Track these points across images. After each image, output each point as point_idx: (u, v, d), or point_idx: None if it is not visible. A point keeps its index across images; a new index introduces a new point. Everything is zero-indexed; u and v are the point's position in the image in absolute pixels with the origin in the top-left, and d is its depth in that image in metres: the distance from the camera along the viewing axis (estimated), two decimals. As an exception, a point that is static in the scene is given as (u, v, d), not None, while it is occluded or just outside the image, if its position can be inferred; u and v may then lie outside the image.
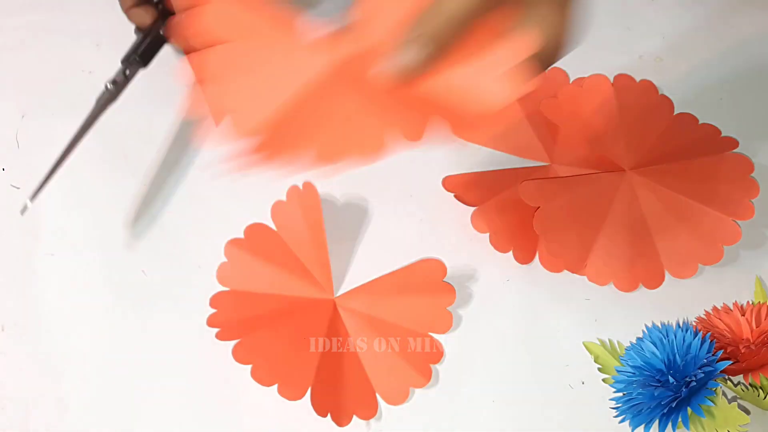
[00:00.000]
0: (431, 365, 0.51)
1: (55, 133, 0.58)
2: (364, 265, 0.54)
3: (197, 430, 0.51)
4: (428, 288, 0.52)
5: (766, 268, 0.53)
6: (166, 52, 0.60)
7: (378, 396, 0.51)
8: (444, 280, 0.52)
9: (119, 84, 0.55)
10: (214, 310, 0.52)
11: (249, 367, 0.50)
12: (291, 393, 0.49)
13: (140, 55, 0.56)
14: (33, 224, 0.56)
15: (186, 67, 0.39)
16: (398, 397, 0.51)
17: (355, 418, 0.50)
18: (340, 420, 0.49)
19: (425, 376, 0.51)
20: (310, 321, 0.51)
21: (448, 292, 0.52)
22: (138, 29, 0.57)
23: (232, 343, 0.50)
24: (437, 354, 0.51)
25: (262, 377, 0.49)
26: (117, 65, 0.60)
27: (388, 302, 0.52)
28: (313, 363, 0.50)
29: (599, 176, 0.54)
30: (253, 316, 0.51)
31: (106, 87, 0.54)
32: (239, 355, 0.50)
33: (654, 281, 0.52)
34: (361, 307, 0.52)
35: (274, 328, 0.51)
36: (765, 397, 0.47)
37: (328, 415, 0.49)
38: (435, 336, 0.52)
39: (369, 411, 0.50)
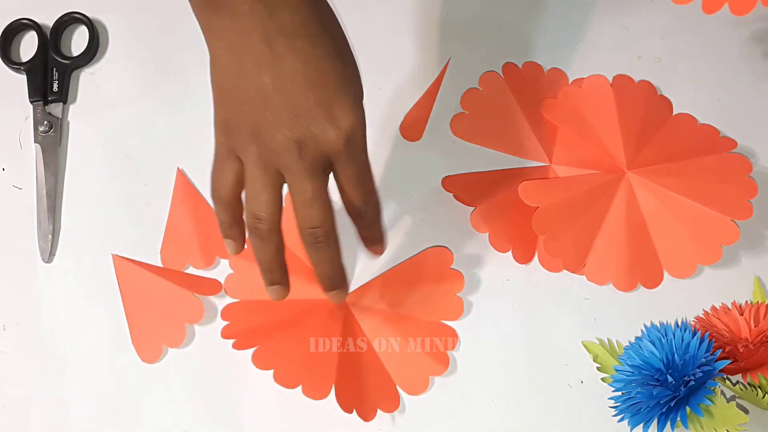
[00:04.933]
0: (448, 352, 0.51)
1: (56, 134, 0.59)
2: (364, 264, 0.54)
3: (198, 429, 0.51)
4: (437, 276, 0.52)
5: (764, 267, 0.53)
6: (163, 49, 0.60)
7: (399, 388, 0.51)
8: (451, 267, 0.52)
9: (54, 124, 0.57)
10: (225, 322, 0.52)
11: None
12: (315, 393, 0.49)
13: (55, 93, 0.58)
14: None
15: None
16: (419, 387, 0.51)
17: (379, 412, 0.50)
18: (366, 415, 0.49)
19: (443, 364, 0.51)
20: (324, 322, 0.51)
21: (457, 278, 0.52)
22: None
23: (232, 342, 0.51)
24: (452, 340, 0.51)
25: (285, 380, 0.50)
26: (118, 64, 0.61)
27: (398, 294, 0.52)
28: (333, 362, 0.50)
29: (598, 176, 0.54)
30: (268, 323, 0.52)
31: (41, 135, 0.57)
32: (259, 362, 0.50)
33: (653, 281, 0.52)
34: (372, 303, 0.52)
35: (290, 332, 0.51)
36: (764, 397, 0.47)
37: (354, 411, 0.49)
38: (448, 323, 0.52)
39: (392, 404, 0.50)
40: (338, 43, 0.42)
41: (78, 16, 0.61)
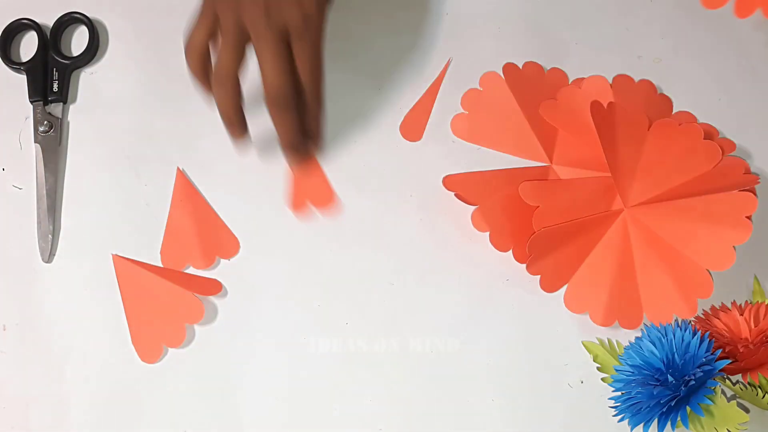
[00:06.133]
0: (698, 299, 0.50)
1: (56, 134, 0.59)
2: (364, 264, 0.54)
3: (198, 429, 0.51)
4: (726, 221, 0.50)
5: (764, 267, 0.53)
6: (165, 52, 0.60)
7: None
8: (747, 216, 0.49)
9: (54, 124, 0.57)
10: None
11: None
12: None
13: (55, 93, 0.58)
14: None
15: None
16: (661, 317, 0.51)
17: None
18: (601, 320, 0.51)
19: (690, 307, 0.50)
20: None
21: (745, 228, 0.49)
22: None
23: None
24: (706, 289, 0.50)
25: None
26: (118, 64, 0.61)
27: (676, 224, 0.51)
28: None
29: (598, 179, 0.53)
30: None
31: (41, 136, 0.57)
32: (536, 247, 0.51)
33: (632, 322, 0.51)
34: (653, 225, 0.52)
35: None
36: (764, 396, 0.47)
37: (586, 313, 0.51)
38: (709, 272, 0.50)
39: (633, 322, 0.51)
40: None
41: (78, 16, 0.61)
